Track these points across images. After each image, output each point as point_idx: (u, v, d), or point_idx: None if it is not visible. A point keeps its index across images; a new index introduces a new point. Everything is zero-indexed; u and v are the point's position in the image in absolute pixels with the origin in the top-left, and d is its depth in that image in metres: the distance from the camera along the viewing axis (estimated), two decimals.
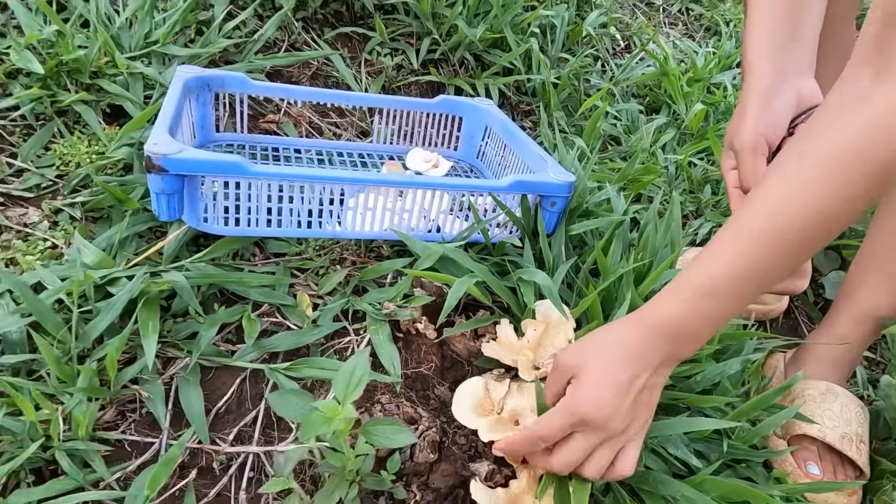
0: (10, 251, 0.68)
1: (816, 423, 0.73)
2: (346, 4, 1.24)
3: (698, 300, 0.51)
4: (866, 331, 0.81)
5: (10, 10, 0.88)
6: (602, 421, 0.50)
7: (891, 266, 0.77)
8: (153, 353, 0.57)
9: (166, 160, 0.60)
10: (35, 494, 0.48)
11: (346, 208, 0.72)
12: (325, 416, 0.43)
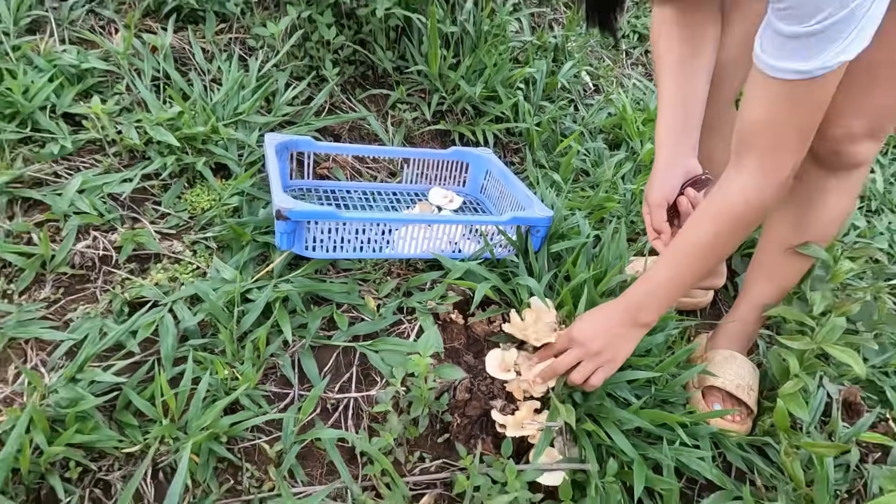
0: (170, 272, 1.00)
1: (719, 376, 1.07)
2: (371, 68, 1.57)
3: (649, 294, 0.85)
4: (758, 316, 1.15)
5: (130, 90, 1.20)
6: (585, 340, 0.85)
7: (771, 272, 1.12)
8: (290, 335, 0.89)
9: (289, 212, 0.92)
10: (235, 419, 0.80)
11: (398, 237, 1.05)
12: (415, 362, 0.75)
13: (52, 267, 0.95)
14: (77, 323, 0.89)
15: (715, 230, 0.80)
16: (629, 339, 0.88)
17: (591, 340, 0.85)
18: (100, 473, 0.76)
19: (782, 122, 0.71)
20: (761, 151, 0.76)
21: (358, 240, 1.02)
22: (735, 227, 0.79)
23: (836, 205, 1.03)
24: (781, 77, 0.67)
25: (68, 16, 1.34)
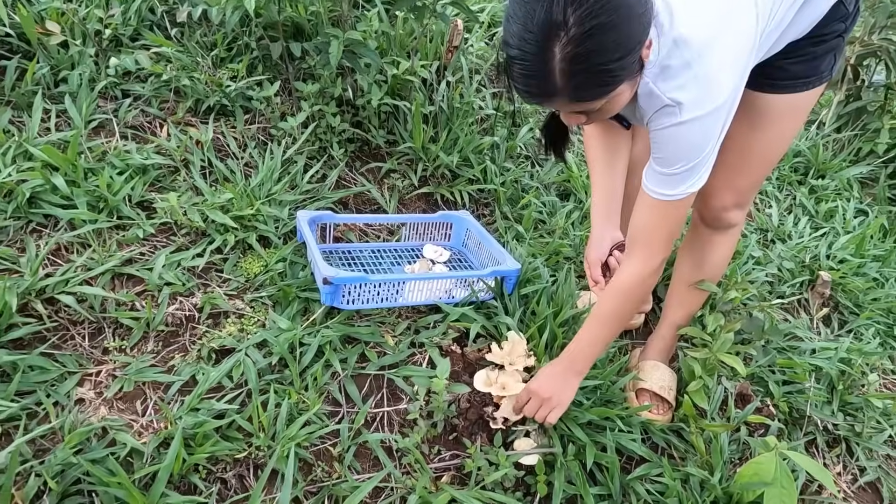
0: (238, 325, 1.33)
1: (647, 381, 1.46)
2: (366, 144, 1.93)
3: (580, 351, 1.20)
4: (674, 333, 1.55)
5: (181, 174, 1.53)
6: (539, 392, 1.20)
7: (681, 300, 1.52)
8: (339, 367, 1.23)
9: (333, 279, 1.27)
10: (308, 430, 1.14)
11: (408, 290, 1.40)
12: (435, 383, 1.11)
13: (153, 326, 1.27)
14: (180, 367, 1.21)
15: (617, 301, 1.16)
16: (570, 386, 1.21)
17: (545, 392, 1.18)
18: (217, 473, 1.08)
19: (654, 226, 1.09)
20: (641, 246, 1.13)
21: (379, 294, 1.37)
22: (630, 298, 1.16)
23: (721, 252, 1.44)
24: (657, 197, 1.06)
25: (123, 116, 1.66)
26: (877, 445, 1.62)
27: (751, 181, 1.33)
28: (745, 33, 0.95)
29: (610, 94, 0.88)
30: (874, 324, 1.95)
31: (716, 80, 0.92)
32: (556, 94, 0.85)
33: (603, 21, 0.78)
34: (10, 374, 1.11)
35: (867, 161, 2.55)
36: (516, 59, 0.84)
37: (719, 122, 0.96)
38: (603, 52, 0.81)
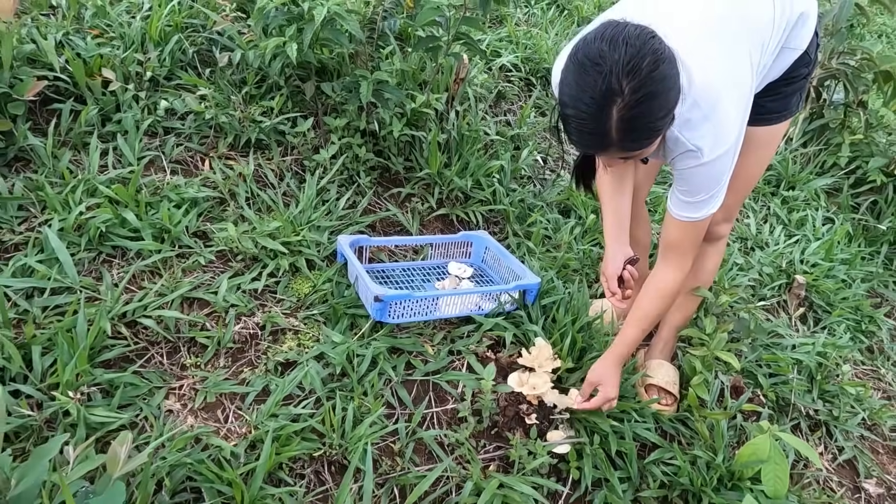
0: (296, 340, 1.49)
1: (654, 377, 1.66)
2: (387, 170, 2.10)
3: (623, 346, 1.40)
4: (675, 335, 1.76)
5: (229, 205, 1.69)
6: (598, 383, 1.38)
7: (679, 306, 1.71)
8: (392, 374, 1.40)
9: (384, 297, 1.44)
10: (372, 430, 1.30)
11: (444, 304, 1.58)
12: (483, 384, 1.28)
13: (223, 344, 1.42)
14: (251, 380, 1.37)
15: (655, 302, 1.38)
16: (617, 375, 1.43)
17: (602, 384, 1.40)
18: (297, 469, 1.24)
19: (684, 240, 1.31)
20: (675, 256, 1.35)
21: (420, 309, 1.55)
22: (666, 299, 1.38)
23: (713, 261, 1.65)
24: (683, 220, 1.26)
25: (170, 153, 1.81)
26: (852, 427, 1.84)
27: (737, 199, 1.56)
28: (745, 85, 1.16)
29: (654, 144, 1.08)
30: (844, 320, 2.18)
31: (727, 127, 1.14)
32: (610, 146, 1.05)
33: (651, 90, 0.98)
34: (108, 390, 1.25)
35: (831, 173, 2.82)
36: (574, 118, 1.03)
37: (730, 158, 1.18)
38: (651, 114, 1.01)
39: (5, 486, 0.83)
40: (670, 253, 1.35)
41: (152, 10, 2.12)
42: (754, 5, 1.21)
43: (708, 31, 1.17)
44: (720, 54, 1.16)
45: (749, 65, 1.17)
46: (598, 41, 0.99)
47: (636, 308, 1.40)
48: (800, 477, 1.66)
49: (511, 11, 3.26)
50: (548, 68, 2.99)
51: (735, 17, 1.19)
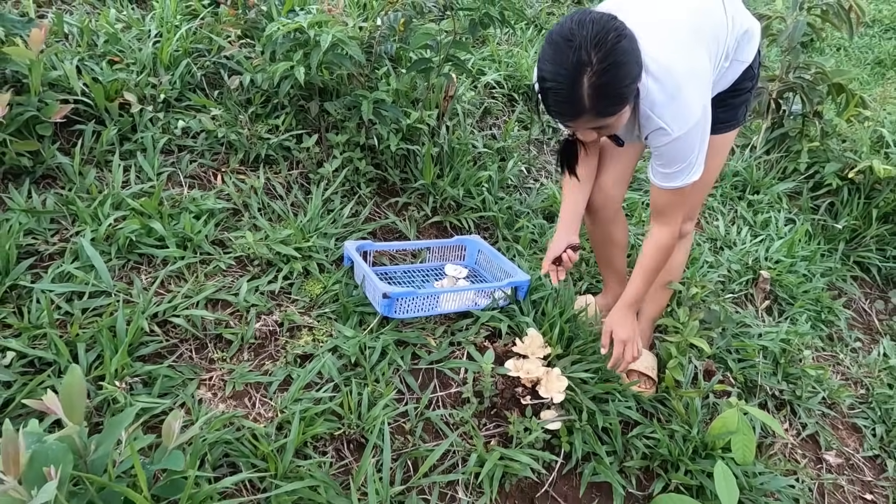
0: (311, 335, 1.63)
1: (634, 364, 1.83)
2: (384, 181, 2.27)
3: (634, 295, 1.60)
4: (652, 325, 1.94)
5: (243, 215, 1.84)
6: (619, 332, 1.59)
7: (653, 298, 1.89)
8: (400, 363, 1.56)
9: (391, 294, 1.60)
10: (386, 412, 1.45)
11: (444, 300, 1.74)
12: (484, 369, 1.44)
13: (246, 339, 1.56)
14: (274, 371, 1.51)
15: (654, 257, 1.57)
16: (627, 319, 1.63)
17: (621, 331, 1.61)
18: (319, 447, 1.39)
19: (670, 205, 1.50)
20: (664, 218, 1.53)
21: (423, 305, 1.70)
22: (662, 252, 1.57)
23: (679, 257, 1.83)
24: (665, 188, 1.46)
25: (185, 168, 1.96)
26: (814, 405, 2.04)
27: (698, 200, 1.76)
28: (704, 71, 1.37)
29: (621, 111, 1.26)
30: (806, 311, 2.39)
31: (691, 108, 1.34)
32: (583, 113, 1.22)
33: (616, 59, 1.17)
34: (147, 381, 1.39)
35: (792, 178, 3.05)
36: (552, 89, 1.21)
37: (698, 135, 1.37)
38: (617, 81, 1.20)
39: (85, 451, 0.97)
40: (660, 217, 1.55)
41: (162, 37, 2.27)
42: (712, 17, 1.42)
43: (669, 30, 1.37)
44: (681, 47, 1.36)
45: (707, 59, 1.37)
46: (568, 23, 1.20)
47: (639, 265, 1.60)
48: (768, 448, 1.84)
49: (493, 32, 3.47)
50: (528, 84, 3.19)
51: (695, 23, 1.39)
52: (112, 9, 2.46)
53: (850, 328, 2.50)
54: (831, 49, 6.07)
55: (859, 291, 2.70)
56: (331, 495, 1.25)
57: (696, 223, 2.75)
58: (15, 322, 1.40)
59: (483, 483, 1.41)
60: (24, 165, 1.74)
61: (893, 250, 2.81)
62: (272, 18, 2.27)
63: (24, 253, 1.57)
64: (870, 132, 3.03)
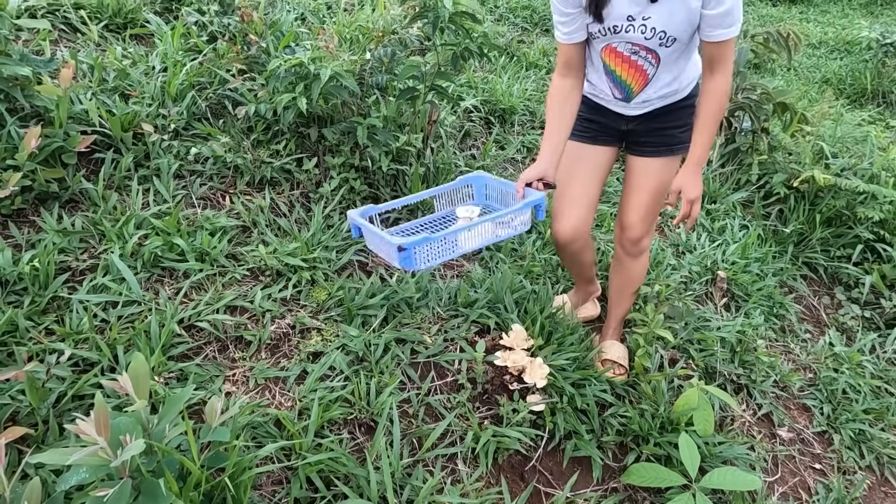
0: (320, 336, 1.83)
1: (608, 353, 2.06)
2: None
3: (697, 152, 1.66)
4: (621, 321, 2.18)
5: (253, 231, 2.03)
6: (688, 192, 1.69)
7: (619, 302, 2.14)
8: (402, 356, 1.76)
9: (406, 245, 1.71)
10: (395, 398, 1.65)
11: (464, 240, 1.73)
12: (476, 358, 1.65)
13: (263, 340, 1.75)
14: (290, 367, 1.70)
15: (712, 105, 1.62)
16: (695, 178, 1.69)
17: (692, 191, 1.68)
18: (334, 430, 1.58)
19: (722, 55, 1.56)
20: (718, 67, 1.58)
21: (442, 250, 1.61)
22: (720, 99, 1.61)
23: (639, 270, 2.05)
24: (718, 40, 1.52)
25: (196, 191, 2.15)
26: (767, 388, 2.29)
27: (653, 216, 1.96)
28: None
29: None
30: (759, 306, 2.66)
31: None
32: None
33: None
34: (179, 377, 1.57)
35: (745, 188, 3.35)
36: None
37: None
38: None
39: (149, 425, 1.15)
40: (714, 66, 1.60)
41: (168, 71, 2.48)
42: None
43: None
44: None
45: None
46: None
47: (702, 122, 1.66)
48: (728, 425, 2.08)
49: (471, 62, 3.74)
50: (504, 108, 3.46)
51: None
52: (118, 47, 2.66)
53: (801, 321, 2.77)
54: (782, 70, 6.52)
55: (808, 289, 2.99)
56: (350, 466, 1.44)
57: (661, 232, 3.02)
58: (58, 329, 1.57)
59: (479, 456, 1.62)
60: (53, 191, 1.92)
61: (837, 251, 3.11)
62: (269, 54, 2.50)
63: (59, 269, 1.74)
64: (811, 145, 3.35)
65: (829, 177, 3.06)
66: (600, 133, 1.90)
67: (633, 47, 1.63)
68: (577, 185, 1.89)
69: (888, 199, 3.06)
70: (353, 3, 4.30)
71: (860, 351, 2.60)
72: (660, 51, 1.63)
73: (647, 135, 1.85)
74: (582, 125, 1.88)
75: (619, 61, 1.69)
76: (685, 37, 1.59)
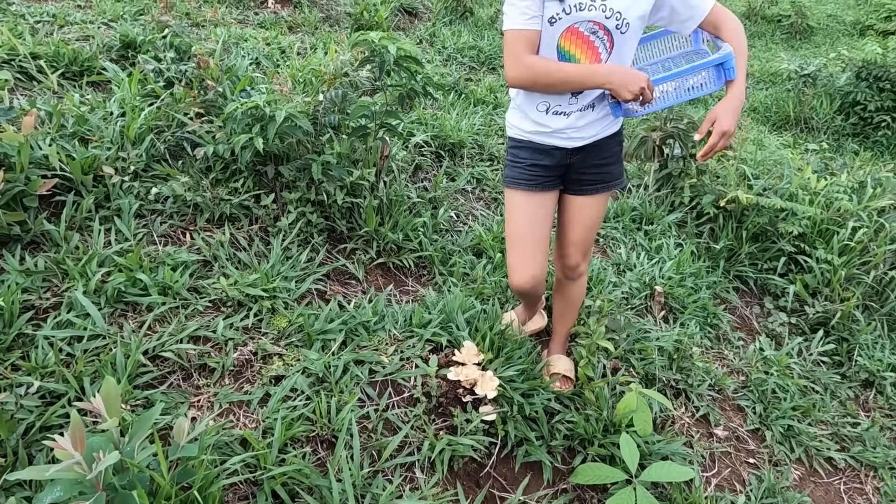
0: (283, 361, 1.92)
1: (555, 366, 2.21)
2: (332, 230, 2.61)
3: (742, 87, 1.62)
4: (566, 336, 2.34)
5: (214, 265, 2.13)
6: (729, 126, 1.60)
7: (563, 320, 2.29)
8: (360, 375, 1.87)
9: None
10: (348, 414, 1.75)
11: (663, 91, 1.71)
12: (430, 372, 1.77)
13: (226, 367, 1.84)
14: (253, 391, 1.79)
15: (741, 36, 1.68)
16: (732, 109, 1.63)
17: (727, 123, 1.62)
18: (297, 447, 1.66)
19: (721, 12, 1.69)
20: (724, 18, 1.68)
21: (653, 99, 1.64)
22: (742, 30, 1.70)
23: (578, 293, 2.21)
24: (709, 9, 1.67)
25: (157, 229, 2.24)
26: (704, 391, 2.47)
27: (590, 245, 2.13)
28: None
29: None
30: (695, 317, 2.87)
31: None
32: None
33: None
34: (146, 405, 1.64)
35: (678, 210, 3.62)
36: None
37: None
38: None
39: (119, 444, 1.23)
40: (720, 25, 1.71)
41: (126, 116, 2.58)
42: None
43: None
44: None
45: None
46: None
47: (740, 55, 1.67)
48: (670, 425, 2.24)
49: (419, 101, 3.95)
50: (453, 143, 3.66)
51: None
52: (75, 94, 2.75)
53: (733, 329, 2.99)
54: (713, 99, 7.00)
55: (739, 300, 3.23)
56: (313, 478, 1.53)
57: (603, 252, 3.23)
58: (24, 364, 1.63)
59: (436, 464, 1.73)
60: (15, 234, 1.99)
61: (764, 264, 3.37)
62: (226, 98, 2.64)
63: (23, 307, 1.80)
64: (735, 168, 3.65)
65: (752, 196, 3.35)
66: (545, 178, 1.90)
67: (594, 26, 1.64)
68: (531, 240, 1.91)
69: (806, 214, 3.35)
70: (305, 48, 4.49)
71: (788, 354, 2.83)
72: (615, 35, 1.65)
73: (586, 171, 1.92)
74: (527, 173, 1.88)
75: (580, 42, 1.67)
76: (636, 26, 1.66)
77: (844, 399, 2.69)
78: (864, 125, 6.42)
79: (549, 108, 1.79)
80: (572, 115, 1.79)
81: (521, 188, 1.89)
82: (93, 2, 4.17)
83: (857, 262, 3.18)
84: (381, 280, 2.54)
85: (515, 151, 1.90)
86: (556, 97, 1.77)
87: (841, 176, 3.79)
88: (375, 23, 5.18)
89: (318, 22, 5.33)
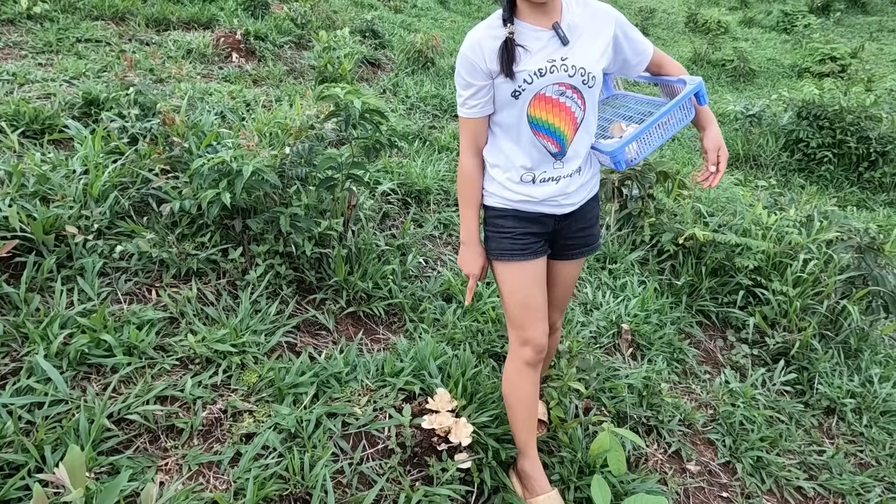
0: (252, 418, 1.89)
1: None
2: (302, 281, 2.61)
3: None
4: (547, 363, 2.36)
5: (181, 322, 2.10)
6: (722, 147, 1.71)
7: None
8: (334, 429, 1.85)
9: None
10: (325, 470, 1.73)
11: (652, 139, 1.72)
12: (404, 422, 1.77)
13: (195, 427, 1.80)
14: (223, 451, 1.75)
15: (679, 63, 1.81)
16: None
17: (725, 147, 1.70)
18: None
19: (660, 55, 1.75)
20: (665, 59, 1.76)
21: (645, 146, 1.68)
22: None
23: (555, 343, 2.24)
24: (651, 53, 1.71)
25: (121, 287, 2.21)
26: (674, 427, 2.51)
27: (567, 302, 2.18)
28: None
29: None
30: (661, 352, 2.93)
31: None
32: None
33: None
34: (110, 472, 1.59)
35: (640, 248, 3.73)
36: None
37: None
38: None
39: None
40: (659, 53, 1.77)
41: (89, 174, 2.57)
42: None
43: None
44: None
45: None
46: None
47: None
48: (644, 463, 2.26)
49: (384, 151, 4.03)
50: (419, 189, 3.73)
51: None
52: (36, 153, 2.73)
53: (699, 363, 3.06)
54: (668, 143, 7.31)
55: (703, 333, 3.32)
56: None
57: None
58: None
59: None
60: None
61: (724, 297, 3.49)
62: (192, 153, 2.65)
63: None
64: (690, 207, 3.81)
65: (709, 233, 3.49)
66: (537, 245, 1.80)
67: (560, 87, 1.59)
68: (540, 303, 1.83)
69: (759, 249, 3.50)
70: (270, 100, 4.56)
71: (753, 385, 2.90)
72: (584, 91, 1.62)
73: (573, 236, 1.86)
74: (519, 243, 1.76)
75: (550, 107, 1.62)
76: (601, 78, 1.65)
77: (809, 427, 2.76)
78: (808, 161, 6.79)
79: (535, 178, 1.69)
80: (562, 182, 1.70)
81: (515, 259, 1.76)
82: (55, 59, 4.18)
83: (810, 292, 3.32)
84: (352, 329, 2.53)
85: (499, 221, 1.76)
86: (539, 162, 1.68)
87: (790, 211, 3.98)
88: (339, 75, 5.29)
89: (283, 75, 5.43)
